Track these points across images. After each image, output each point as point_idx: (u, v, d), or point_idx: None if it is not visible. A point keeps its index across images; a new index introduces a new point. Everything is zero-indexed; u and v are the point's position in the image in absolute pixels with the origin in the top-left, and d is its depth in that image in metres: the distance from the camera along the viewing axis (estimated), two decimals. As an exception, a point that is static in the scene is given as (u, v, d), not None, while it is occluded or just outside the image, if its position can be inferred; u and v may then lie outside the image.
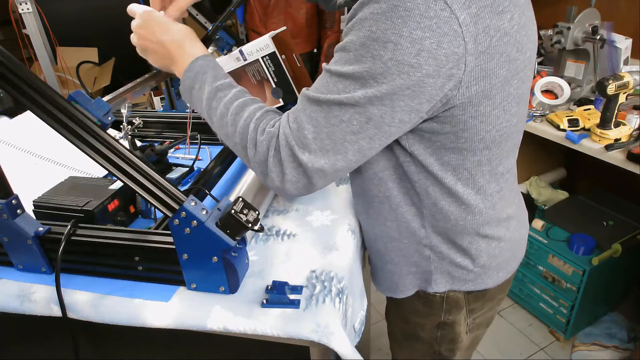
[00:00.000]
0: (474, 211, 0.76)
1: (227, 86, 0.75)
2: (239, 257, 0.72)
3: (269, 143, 0.67)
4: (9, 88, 0.67)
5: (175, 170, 1.12)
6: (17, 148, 1.11)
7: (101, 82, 2.50)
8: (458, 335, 0.90)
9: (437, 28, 0.56)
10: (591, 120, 1.53)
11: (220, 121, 0.73)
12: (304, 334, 0.67)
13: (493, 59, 0.61)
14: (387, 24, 0.57)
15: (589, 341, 1.83)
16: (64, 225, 0.78)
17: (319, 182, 0.68)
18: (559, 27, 1.67)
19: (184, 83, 0.78)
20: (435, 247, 0.79)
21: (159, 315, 0.72)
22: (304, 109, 0.66)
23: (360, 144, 0.64)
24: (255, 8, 2.51)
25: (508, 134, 0.72)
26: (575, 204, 1.99)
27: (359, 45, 0.59)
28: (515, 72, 0.66)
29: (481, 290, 0.85)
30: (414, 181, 0.74)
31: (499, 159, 0.74)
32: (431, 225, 0.78)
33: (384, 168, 0.76)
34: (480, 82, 0.62)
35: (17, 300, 0.78)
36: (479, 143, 0.69)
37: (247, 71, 1.02)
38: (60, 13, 2.62)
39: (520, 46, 0.65)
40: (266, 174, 0.69)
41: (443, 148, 0.69)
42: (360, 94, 0.60)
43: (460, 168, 0.71)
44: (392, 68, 0.58)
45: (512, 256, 0.86)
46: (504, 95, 0.66)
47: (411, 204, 0.77)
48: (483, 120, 0.66)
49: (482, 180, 0.74)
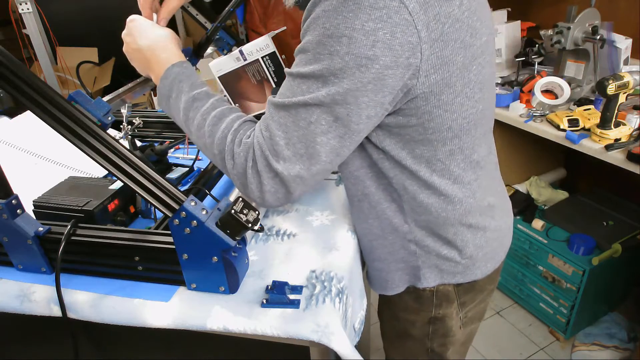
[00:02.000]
0: (454, 201, 0.76)
1: (205, 95, 0.73)
2: (239, 257, 0.72)
3: (247, 155, 0.67)
4: (9, 88, 0.67)
5: (175, 170, 1.12)
6: (17, 148, 1.11)
7: (101, 82, 2.50)
8: (450, 329, 0.90)
9: (388, 18, 0.57)
10: (591, 120, 1.53)
11: (198, 132, 0.72)
12: (304, 334, 0.67)
13: (448, 46, 0.62)
14: (339, 19, 0.57)
15: (589, 341, 1.83)
16: (64, 225, 0.78)
17: (297, 189, 0.67)
18: (559, 27, 1.67)
19: (160, 91, 0.76)
20: (421, 242, 0.80)
21: (159, 315, 0.72)
22: (271, 116, 0.66)
23: (332, 144, 0.64)
24: (255, 8, 2.51)
25: (476, 121, 0.72)
26: (575, 204, 1.99)
27: (315, 44, 0.60)
28: (472, 58, 0.66)
29: (470, 282, 0.85)
30: (390, 177, 0.74)
31: (472, 147, 0.74)
32: (413, 219, 0.78)
33: (359, 167, 0.76)
34: (439, 71, 0.63)
35: (17, 300, 0.78)
36: (447, 132, 0.69)
37: (247, 71, 1.02)
38: (60, 13, 2.62)
39: (474, 31, 0.66)
40: (246, 186, 0.68)
41: (412, 141, 0.70)
42: (324, 93, 0.61)
43: (433, 159, 0.72)
44: (350, 62, 0.58)
45: (499, 246, 0.87)
46: (465, 82, 0.67)
47: (391, 201, 0.77)
48: (447, 109, 0.67)
49: (457, 169, 0.74)
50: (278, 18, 2.49)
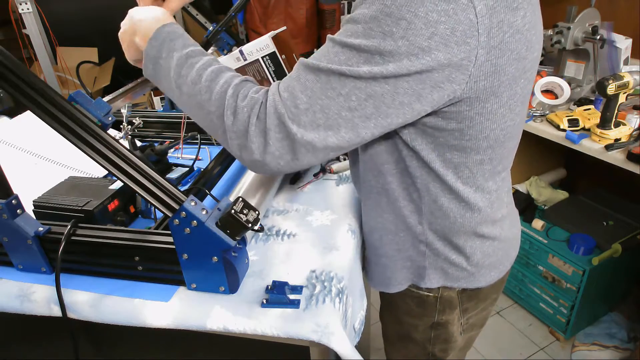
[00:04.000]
0: (473, 209, 0.75)
1: (199, 53, 0.68)
2: (239, 257, 0.72)
3: (251, 110, 0.62)
4: (9, 88, 0.67)
5: (175, 170, 1.12)
6: (17, 148, 1.11)
7: (101, 82, 2.50)
8: (451, 335, 0.90)
9: (454, 14, 0.54)
10: (591, 120, 1.53)
11: (192, 89, 0.66)
12: (304, 334, 0.67)
13: (504, 56, 0.60)
14: (403, 0, 0.54)
15: (589, 341, 1.83)
16: (64, 225, 0.78)
17: (306, 157, 0.62)
18: (559, 27, 1.67)
19: (149, 54, 0.69)
20: (431, 244, 0.79)
21: (158, 315, 0.72)
22: (298, 77, 0.61)
23: (355, 122, 0.60)
24: (255, 8, 2.51)
25: (511, 134, 0.72)
26: (575, 204, 1.99)
27: (369, 18, 0.56)
28: (522, 71, 0.65)
29: (474, 290, 0.85)
30: (415, 176, 0.73)
31: (500, 159, 0.74)
32: (428, 222, 0.77)
33: (385, 162, 0.74)
34: (489, 78, 0.61)
35: (17, 300, 0.78)
36: (483, 141, 0.68)
37: (247, 71, 1.02)
38: (60, 13, 2.62)
39: (530, 45, 0.64)
40: (244, 146, 0.63)
41: (446, 145, 0.68)
42: (365, 70, 0.57)
43: (462, 166, 0.71)
44: (402, 48, 0.55)
45: (504, 255, 0.86)
46: (511, 93, 0.65)
47: (410, 200, 0.77)
48: (489, 117, 0.66)
49: (481, 179, 0.74)
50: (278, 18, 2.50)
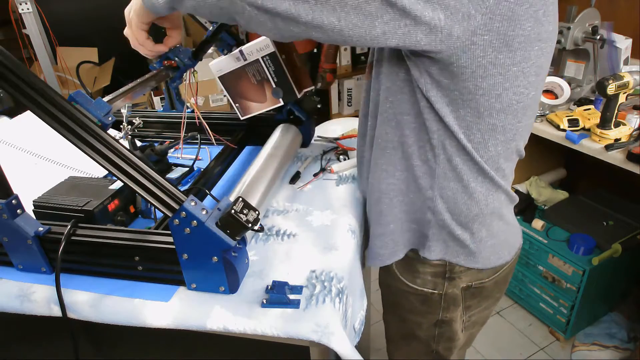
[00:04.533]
0: (485, 176, 0.75)
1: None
2: (239, 257, 0.72)
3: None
4: (9, 88, 0.67)
5: (175, 170, 1.12)
6: (17, 148, 1.11)
7: (101, 82, 2.50)
8: (455, 333, 0.90)
9: None
10: (591, 120, 1.53)
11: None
12: (304, 334, 0.67)
13: (523, 5, 0.60)
14: None
15: (589, 341, 1.83)
16: (64, 225, 0.78)
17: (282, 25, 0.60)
18: (559, 27, 1.67)
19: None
20: (439, 214, 0.78)
21: (158, 315, 0.72)
22: None
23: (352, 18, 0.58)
24: (255, 8, 2.50)
25: (525, 106, 0.70)
26: (575, 204, 1.99)
27: None
28: (537, 36, 0.64)
29: (478, 287, 0.85)
30: (432, 131, 0.72)
31: (513, 133, 0.72)
32: (440, 187, 0.76)
33: (405, 112, 0.74)
34: (504, 22, 0.60)
35: (17, 300, 0.78)
36: (495, 101, 0.67)
37: (247, 71, 1.02)
38: (60, 13, 2.62)
39: (547, 12, 0.64)
40: None
41: (460, 100, 0.67)
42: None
43: (474, 128, 0.70)
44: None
45: (506, 242, 0.86)
46: (525, 55, 0.64)
47: (424, 161, 0.76)
48: (501, 72, 0.65)
49: (493, 149, 0.73)
50: (278, 18, 2.49)
